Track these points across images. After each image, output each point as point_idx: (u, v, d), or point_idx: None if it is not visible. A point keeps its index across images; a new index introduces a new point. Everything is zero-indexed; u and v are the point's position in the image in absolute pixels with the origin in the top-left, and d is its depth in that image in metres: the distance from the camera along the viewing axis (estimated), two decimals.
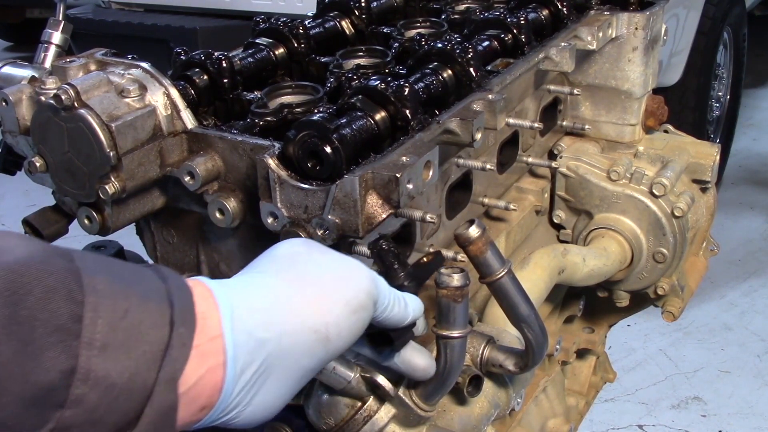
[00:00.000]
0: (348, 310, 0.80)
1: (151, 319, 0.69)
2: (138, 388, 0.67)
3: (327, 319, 0.79)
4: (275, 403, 0.79)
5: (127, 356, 0.67)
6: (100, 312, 0.66)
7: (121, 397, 0.67)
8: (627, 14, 1.52)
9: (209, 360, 0.72)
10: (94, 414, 0.66)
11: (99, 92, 1.00)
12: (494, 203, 1.33)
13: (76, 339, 0.64)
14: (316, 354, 0.79)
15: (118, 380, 0.66)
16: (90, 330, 0.65)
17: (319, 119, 0.97)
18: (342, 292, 0.81)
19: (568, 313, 1.74)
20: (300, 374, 0.79)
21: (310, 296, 0.79)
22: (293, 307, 0.78)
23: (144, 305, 0.69)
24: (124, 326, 0.67)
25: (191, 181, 1.03)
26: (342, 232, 0.95)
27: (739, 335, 3.71)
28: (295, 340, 0.77)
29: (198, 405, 0.73)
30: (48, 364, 0.63)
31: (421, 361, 0.95)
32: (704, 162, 1.61)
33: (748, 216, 4.65)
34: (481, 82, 1.18)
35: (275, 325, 0.77)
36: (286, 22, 1.32)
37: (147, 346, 0.68)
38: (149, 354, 0.68)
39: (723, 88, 4.82)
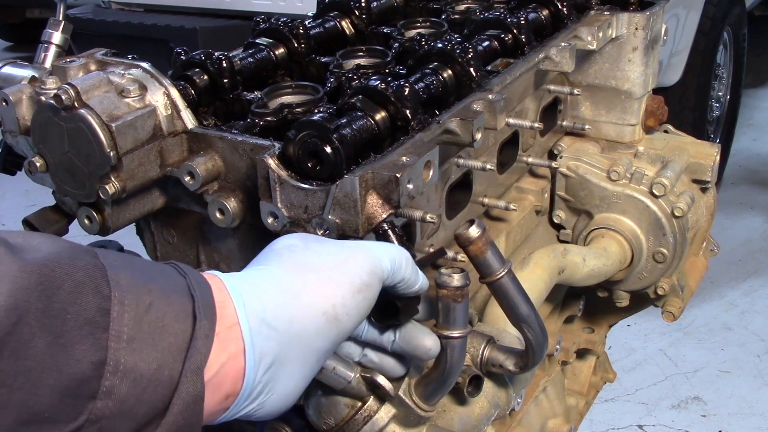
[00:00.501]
0: (352, 289, 0.82)
1: (174, 312, 0.71)
2: (165, 379, 0.69)
3: (333, 301, 0.81)
4: (296, 387, 0.81)
5: (154, 348, 0.69)
6: (126, 305, 0.68)
7: (150, 388, 0.69)
8: (627, 14, 1.52)
9: (230, 347, 0.74)
10: (124, 405, 0.67)
11: (99, 92, 1.00)
12: (494, 203, 1.33)
13: (105, 332, 0.67)
14: (327, 335, 0.81)
15: (146, 372, 0.68)
16: (117, 323, 0.67)
17: (320, 119, 0.97)
18: (344, 274, 0.83)
19: (568, 313, 1.74)
20: (315, 357, 0.81)
21: (313, 281, 0.81)
22: (299, 293, 0.80)
23: (167, 299, 0.72)
24: (149, 319, 0.69)
25: (191, 181, 1.03)
26: (342, 232, 0.95)
27: (739, 335, 3.71)
28: (306, 324, 0.79)
29: (223, 392, 0.75)
30: (79, 355, 0.65)
31: (426, 340, 0.95)
32: (704, 162, 1.61)
33: (748, 216, 4.65)
34: (481, 82, 1.18)
35: (284, 311, 0.79)
36: (286, 22, 1.32)
37: (172, 338, 0.70)
38: (174, 346, 0.70)
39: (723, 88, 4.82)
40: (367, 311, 0.85)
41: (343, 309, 0.82)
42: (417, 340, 0.95)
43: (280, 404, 0.81)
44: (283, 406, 0.81)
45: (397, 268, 0.87)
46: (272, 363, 0.78)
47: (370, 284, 0.84)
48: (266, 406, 0.79)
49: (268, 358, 0.77)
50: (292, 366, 0.79)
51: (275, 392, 0.79)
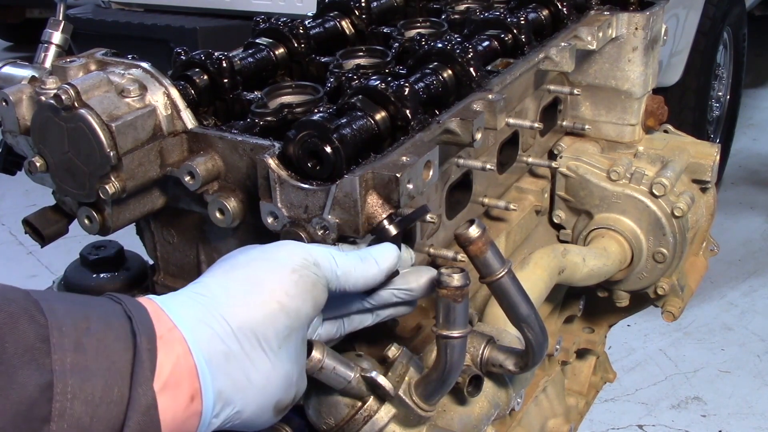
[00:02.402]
0: (286, 270, 0.83)
1: (113, 333, 0.73)
2: (115, 396, 0.70)
3: (269, 286, 0.82)
4: (272, 380, 0.81)
5: (99, 368, 0.70)
6: (64, 332, 0.70)
7: (102, 407, 0.70)
8: (627, 14, 1.52)
9: (175, 347, 0.75)
10: (80, 424, 0.68)
11: (99, 92, 1.00)
12: (494, 203, 1.33)
13: (47, 356, 0.68)
14: (278, 319, 0.81)
15: (95, 392, 0.69)
16: (59, 348, 0.68)
17: (320, 119, 0.97)
18: (273, 259, 0.84)
19: (568, 313, 1.74)
20: (275, 344, 0.81)
21: (242, 275, 0.83)
22: (229, 288, 0.82)
23: (105, 322, 0.73)
24: (89, 342, 0.70)
25: (191, 181, 1.03)
26: (342, 232, 0.95)
27: (739, 335, 3.71)
28: (250, 315, 0.80)
29: (186, 394, 0.75)
30: (23, 380, 0.66)
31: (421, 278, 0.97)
32: (704, 162, 1.61)
33: (748, 216, 4.65)
34: (481, 82, 1.18)
35: (219, 309, 0.80)
36: (286, 22, 1.32)
37: (115, 356, 0.71)
38: (118, 364, 0.71)
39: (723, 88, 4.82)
40: (312, 291, 0.84)
41: (281, 291, 0.82)
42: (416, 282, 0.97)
43: (262, 401, 0.81)
44: (265, 402, 0.81)
45: (333, 257, 0.88)
46: (227, 358, 0.78)
47: (304, 264, 0.84)
48: (247, 406, 0.79)
49: (218, 354, 0.77)
50: (253, 359, 0.79)
51: (249, 387, 0.79)
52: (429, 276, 0.97)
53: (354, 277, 0.89)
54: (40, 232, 1.17)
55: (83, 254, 1.34)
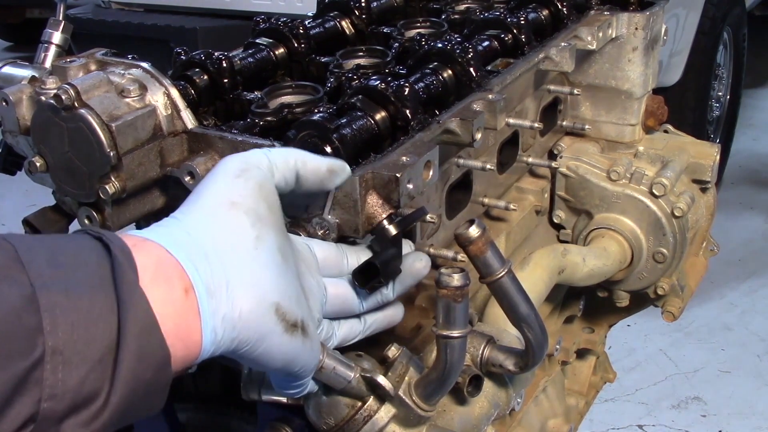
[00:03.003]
0: (230, 177, 0.82)
1: (86, 249, 0.71)
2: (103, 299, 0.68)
3: (220, 193, 0.81)
4: (258, 275, 0.79)
5: (78, 279, 0.68)
6: (34, 251, 0.67)
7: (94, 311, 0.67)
8: (627, 14, 1.52)
9: (152, 251, 0.74)
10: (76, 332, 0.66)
11: (99, 92, 1.00)
12: (494, 203, 1.33)
13: (22, 273, 0.65)
14: (240, 219, 0.80)
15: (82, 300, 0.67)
16: (33, 265, 0.66)
17: (319, 119, 0.98)
18: (216, 171, 0.84)
19: (568, 313, 1.74)
20: (250, 245, 0.79)
21: (193, 198, 0.82)
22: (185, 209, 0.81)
23: (73, 241, 0.72)
24: (62, 258, 0.68)
25: (191, 181, 1.03)
26: (342, 232, 0.95)
27: (739, 335, 3.72)
28: (213, 219, 0.79)
29: (177, 288, 0.73)
30: (4, 293, 0.64)
31: (416, 262, 0.97)
32: (704, 162, 1.61)
33: (748, 216, 4.65)
34: (481, 82, 1.18)
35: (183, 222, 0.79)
36: (286, 22, 1.32)
37: (92, 267, 0.69)
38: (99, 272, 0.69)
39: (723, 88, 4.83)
40: (258, 192, 0.83)
41: (232, 195, 0.81)
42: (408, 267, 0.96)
43: (256, 297, 0.78)
44: (261, 300, 0.78)
45: (267, 150, 0.87)
46: (206, 257, 0.76)
47: (247, 167, 0.83)
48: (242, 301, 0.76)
49: (196, 253, 0.75)
50: (230, 257, 0.77)
51: (238, 283, 0.76)
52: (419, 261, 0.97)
53: (293, 160, 0.88)
54: (40, 232, 1.17)
55: None
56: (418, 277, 0.97)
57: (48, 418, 0.65)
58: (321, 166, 0.89)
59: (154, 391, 0.71)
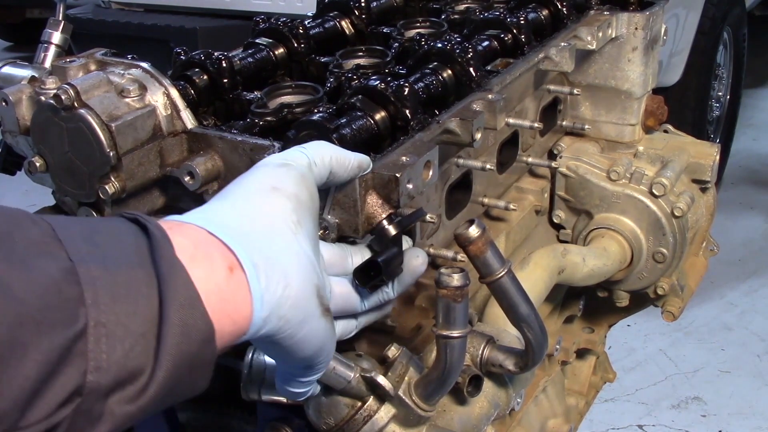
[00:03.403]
0: (272, 167, 0.83)
1: (122, 229, 0.70)
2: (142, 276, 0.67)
3: (263, 180, 0.82)
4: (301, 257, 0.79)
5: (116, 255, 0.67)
6: (70, 230, 0.67)
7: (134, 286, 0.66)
8: (627, 14, 1.52)
9: (191, 232, 0.73)
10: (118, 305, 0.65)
11: (99, 92, 1.00)
12: (494, 203, 1.33)
13: (60, 249, 0.64)
14: (281, 203, 0.80)
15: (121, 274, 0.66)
16: (70, 242, 0.65)
17: (319, 119, 0.98)
18: (256, 168, 0.85)
19: (568, 313, 1.74)
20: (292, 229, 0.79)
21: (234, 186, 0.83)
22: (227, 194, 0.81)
23: (108, 222, 0.71)
24: (99, 238, 0.67)
25: (191, 181, 1.03)
26: (342, 232, 0.95)
27: (739, 335, 3.71)
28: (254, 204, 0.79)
29: (220, 266, 0.72)
30: (43, 267, 0.63)
31: (412, 259, 0.97)
32: (704, 162, 1.61)
33: (748, 216, 4.65)
34: (481, 82, 1.18)
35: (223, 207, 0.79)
36: (286, 22, 1.32)
37: (129, 244, 0.69)
38: (137, 249, 0.68)
39: (723, 88, 4.82)
40: (301, 180, 0.83)
41: (276, 181, 0.81)
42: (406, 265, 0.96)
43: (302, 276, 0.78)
44: (306, 279, 0.78)
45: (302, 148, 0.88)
46: (248, 237, 0.75)
47: (285, 163, 0.84)
48: (291, 278, 0.76)
49: (239, 234, 0.75)
50: (274, 238, 0.77)
51: (283, 260, 0.76)
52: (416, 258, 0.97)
53: (328, 157, 0.88)
54: None
55: None
56: (416, 275, 0.97)
57: (94, 391, 0.63)
58: (351, 161, 0.90)
59: (199, 365, 0.70)
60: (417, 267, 0.97)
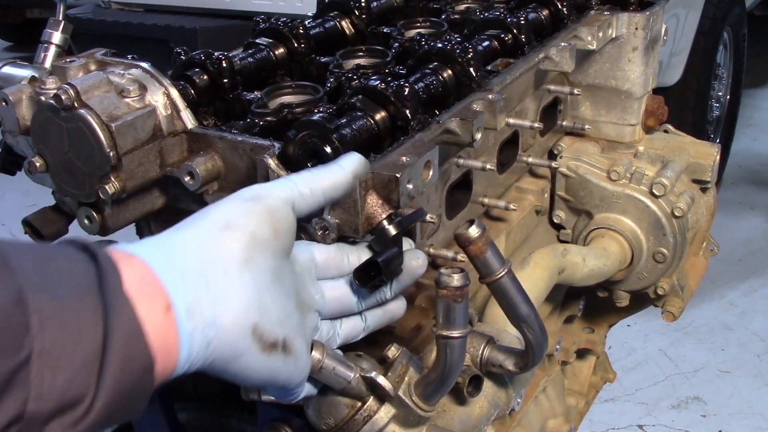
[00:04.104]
0: (237, 202, 0.83)
1: (72, 257, 0.71)
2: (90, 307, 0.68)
3: (220, 214, 0.81)
4: (238, 296, 0.78)
5: (65, 284, 0.68)
6: (21, 257, 0.68)
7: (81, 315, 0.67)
8: (627, 14, 1.52)
9: (136, 266, 0.74)
10: (63, 334, 0.66)
11: (99, 92, 1.00)
12: (494, 203, 1.33)
13: (10, 277, 0.66)
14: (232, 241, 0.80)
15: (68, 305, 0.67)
16: (19, 269, 0.66)
17: (319, 119, 0.97)
18: (228, 198, 0.84)
19: (568, 313, 1.74)
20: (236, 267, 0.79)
21: (195, 216, 0.82)
22: (181, 226, 0.81)
23: (59, 250, 0.72)
24: (49, 266, 0.69)
25: (191, 181, 1.03)
26: (342, 232, 0.95)
27: (739, 335, 3.71)
28: (202, 240, 0.79)
29: (159, 304, 0.73)
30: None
31: (411, 260, 0.97)
32: (704, 162, 1.61)
33: (748, 216, 4.65)
34: (481, 82, 1.18)
35: (172, 240, 0.79)
36: (286, 22, 1.32)
37: (78, 273, 0.70)
38: (85, 278, 0.69)
39: (723, 88, 4.82)
40: (266, 217, 0.83)
41: (233, 217, 0.81)
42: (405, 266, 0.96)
43: (233, 316, 0.78)
44: (238, 319, 0.78)
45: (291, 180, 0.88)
46: (184, 277, 0.75)
47: (256, 197, 0.84)
48: (221, 319, 0.77)
49: (176, 273, 0.75)
50: (212, 279, 0.77)
51: (216, 301, 0.77)
52: (415, 259, 0.97)
53: (319, 187, 0.88)
54: (40, 232, 1.17)
55: None
56: (415, 276, 0.98)
57: (34, 419, 0.65)
58: (346, 178, 0.90)
59: (137, 396, 0.72)
60: (416, 268, 0.97)
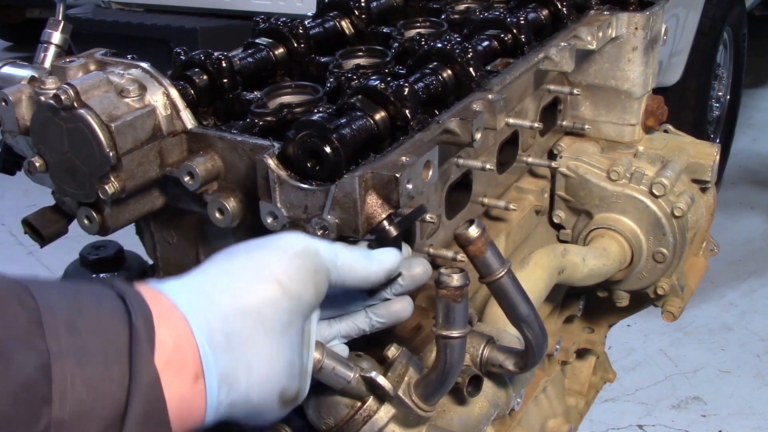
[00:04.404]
0: (288, 255, 0.83)
1: (107, 312, 0.71)
2: (116, 375, 0.69)
3: (271, 268, 0.81)
4: (274, 367, 0.80)
5: (95, 348, 0.69)
6: (56, 313, 0.69)
7: (103, 387, 0.68)
8: (627, 14, 1.52)
9: (177, 325, 0.74)
10: (82, 405, 0.67)
11: (99, 92, 1.00)
12: (494, 203, 1.33)
13: (41, 339, 0.67)
14: (280, 302, 0.80)
15: (94, 372, 0.68)
16: (52, 330, 0.67)
17: (319, 119, 0.97)
18: (275, 246, 0.84)
19: (568, 313, 1.74)
20: (279, 329, 0.80)
21: (242, 260, 0.82)
22: (229, 270, 0.81)
23: (97, 303, 0.72)
24: (83, 322, 0.69)
25: (191, 181, 1.03)
26: (342, 232, 0.95)
27: (739, 335, 3.71)
28: (251, 297, 0.79)
29: (189, 373, 0.74)
30: (21, 362, 0.65)
31: (415, 268, 0.96)
32: (704, 162, 1.61)
33: (748, 216, 4.65)
34: (480, 82, 1.18)
35: (220, 289, 0.79)
36: (285, 22, 1.32)
37: (111, 335, 0.70)
38: (116, 343, 0.70)
39: (723, 88, 4.82)
40: (313, 277, 0.83)
41: (284, 276, 0.81)
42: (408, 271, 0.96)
43: (267, 385, 0.79)
44: (270, 386, 0.79)
45: (335, 249, 0.88)
46: (228, 339, 0.76)
47: (307, 251, 0.84)
48: (252, 389, 0.78)
49: (219, 334, 0.76)
50: (255, 341, 0.78)
51: (253, 370, 0.78)
52: (420, 266, 0.97)
53: (355, 270, 0.89)
54: (40, 232, 1.17)
55: (83, 254, 1.34)
56: (417, 283, 0.98)
57: None
58: (378, 275, 0.91)
59: None
60: (419, 276, 0.97)
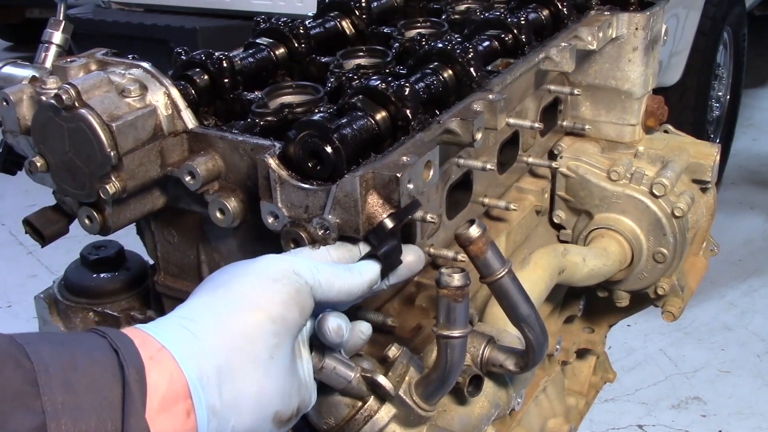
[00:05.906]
0: (268, 280, 0.84)
1: (101, 367, 0.73)
2: (110, 430, 0.71)
3: (252, 297, 0.83)
4: (264, 392, 0.81)
5: (89, 405, 0.71)
6: (51, 372, 0.70)
7: None
8: (627, 14, 1.52)
9: (167, 366, 0.76)
10: None
11: (100, 92, 1.00)
12: (494, 203, 1.33)
13: (36, 399, 0.68)
14: (265, 328, 0.82)
15: (89, 428, 0.70)
16: (47, 389, 0.69)
17: (320, 119, 0.98)
18: (253, 272, 0.85)
19: (568, 313, 1.74)
20: (267, 355, 0.82)
21: (223, 292, 0.84)
22: (213, 304, 0.83)
23: (90, 358, 0.74)
24: (77, 379, 0.71)
25: (192, 181, 1.03)
26: (342, 232, 0.95)
27: (739, 335, 3.71)
28: (235, 327, 0.81)
29: (181, 411, 0.76)
30: (16, 425, 0.67)
31: (408, 256, 0.98)
32: (704, 162, 1.61)
33: (748, 216, 4.65)
34: (481, 82, 1.18)
35: (205, 325, 0.80)
36: (286, 22, 1.32)
37: (105, 391, 0.72)
38: (109, 398, 0.72)
39: (723, 88, 4.82)
40: (295, 299, 0.85)
41: (264, 301, 0.83)
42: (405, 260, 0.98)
43: (257, 413, 0.81)
44: (261, 414, 0.81)
45: (315, 267, 0.89)
46: (218, 372, 0.78)
47: (286, 274, 0.85)
48: (243, 420, 0.80)
49: (208, 369, 0.78)
50: (245, 372, 0.80)
51: (242, 401, 0.80)
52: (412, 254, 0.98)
53: (337, 285, 0.90)
54: (40, 232, 1.17)
55: (83, 254, 1.34)
56: (413, 270, 0.99)
57: None
58: (362, 287, 0.92)
59: None
60: (413, 263, 0.99)
